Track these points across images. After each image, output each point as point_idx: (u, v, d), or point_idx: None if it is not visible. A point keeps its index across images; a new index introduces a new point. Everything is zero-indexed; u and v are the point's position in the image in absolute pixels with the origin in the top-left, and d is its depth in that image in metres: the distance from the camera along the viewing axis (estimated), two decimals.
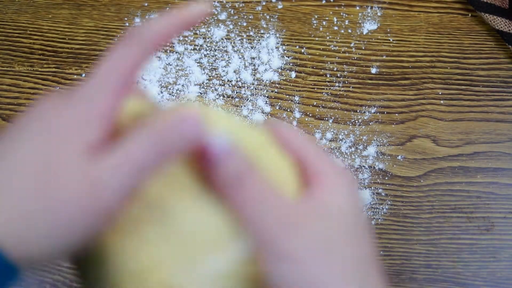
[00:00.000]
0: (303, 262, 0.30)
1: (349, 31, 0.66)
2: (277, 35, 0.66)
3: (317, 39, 0.66)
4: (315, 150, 0.35)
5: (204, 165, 0.31)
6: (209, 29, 0.66)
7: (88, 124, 0.29)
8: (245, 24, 0.66)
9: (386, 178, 0.61)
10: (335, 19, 0.66)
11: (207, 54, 0.65)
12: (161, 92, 0.64)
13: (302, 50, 0.65)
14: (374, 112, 0.63)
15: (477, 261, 0.59)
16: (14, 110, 0.64)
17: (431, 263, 0.59)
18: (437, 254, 0.59)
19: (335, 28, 0.66)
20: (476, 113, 0.63)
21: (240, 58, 0.65)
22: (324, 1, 0.67)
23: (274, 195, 0.31)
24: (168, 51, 0.65)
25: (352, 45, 0.66)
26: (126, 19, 0.67)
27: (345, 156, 0.62)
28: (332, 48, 0.65)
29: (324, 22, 0.66)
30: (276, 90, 0.64)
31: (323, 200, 0.32)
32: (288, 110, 0.63)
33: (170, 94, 0.64)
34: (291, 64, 0.65)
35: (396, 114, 0.63)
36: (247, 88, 0.64)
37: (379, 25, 0.66)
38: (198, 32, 0.66)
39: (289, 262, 0.30)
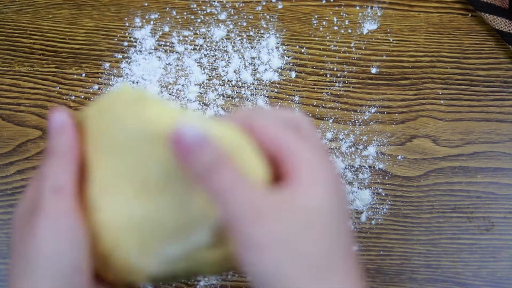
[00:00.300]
0: (268, 251, 0.31)
1: (349, 31, 0.66)
2: (277, 35, 0.66)
3: (317, 39, 0.66)
4: (294, 142, 0.34)
5: (176, 153, 0.32)
6: (209, 29, 0.66)
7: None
8: (245, 24, 0.66)
9: (386, 178, 0.61)
10: (335, 19, 0.66)
11: (207, 54, 0.65)
12: (161, 92, 0.64)
13: (302, 50, 0.65)
14: (374, 112, 0.63)
15: (477, 261, 0.59)
16: (14, 110, 0.64)
17: (431, 263, 0.59)
18: (437, 254, 0.59)
19: (335, 28, 0.66)
20: (476, 113, 0.63)
21: (240, 58, 0.65)
22: (324, 1, 0.67)
23: (245, 185, 0.32)
24: (168, 51, 0.65)
25: (352, 45, 0.66)
26: (126, 19, 0.67)
27: (345, 156, 0.62)
28: (332, 48, 0.65)
29: (324, 22, 0.66)
30: (276, 90, 0.64)
31: (295, 195, 0.32)
32: None
33: (170, 94, 0.64)
34: (291, 64, 0.65)
35: (396, 114, 0.63)
36: (247, 88, 0.64)
37: (379, 25, 0.66)
38: (198, 32, 0.66)
39: (255, 250, 0.31)
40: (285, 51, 0.65)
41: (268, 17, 0.67)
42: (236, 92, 0.64)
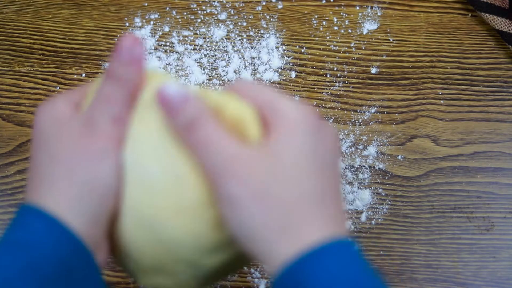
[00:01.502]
0: (243, 206, 0.32)
1: (349, 31, 0.66)
2: (277, 35, 0.66)
3: (317, 39, 0.66)
4: (273, 94, 0.36)
5: (164, 112, 0.34)
6: (209, 29, 0.66)
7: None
8: (245, 24, 0.66)
9: (386, 178, 0.61)
10: (335, 19, 0.66)
11: (207, 54, 0.65)
12: None
13: (302, 50, 0.65)
14: (374, 112, 0.63)
15: (477, 261, 0.59)
16: (14, 110, 0.64)
17: (431, 263, 0.59)
18: (437, 254, 0.59)
19: (335, 28, 0.66)
20: (476, 113, 0.63)
21: (240, 58, 0.65)
22: (324, 1, 0.67)
23: (222, 139, 0.33)
24: (168, 51, 0.65)
25: (352, 45, 0.66)
26: (126, 19, 0.67)
27: (345, 156, 0.62)
28: (332, 48, 0.65)
29: (324, 22, 0.66)
30: (276, 90, 0.64)
31: (272, 143, 0.33)
32: None
33: None
34: (291, 64, 0.65)
35: (396, 114, 0.63)
36: None
37: (379, 25, 0.66)
38: (198, 32, 0.66)
39: (231, 205, 0.32)
40: (285, 51, 0.65)
41: (268, 17, 0.67)
42: None
